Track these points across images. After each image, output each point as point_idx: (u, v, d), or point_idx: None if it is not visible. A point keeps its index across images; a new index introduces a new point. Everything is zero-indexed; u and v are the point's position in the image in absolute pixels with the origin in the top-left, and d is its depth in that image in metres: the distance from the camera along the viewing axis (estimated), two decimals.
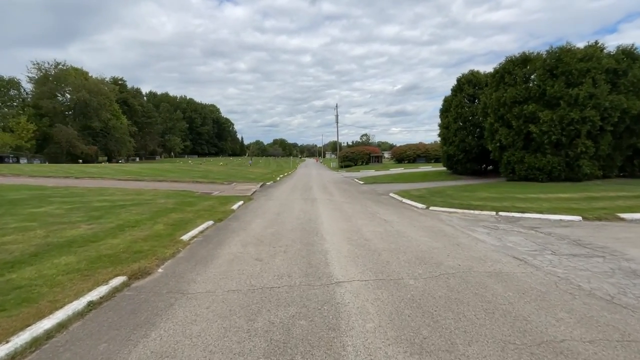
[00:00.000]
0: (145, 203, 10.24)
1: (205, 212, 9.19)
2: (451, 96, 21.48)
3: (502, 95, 15.17)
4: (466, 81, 20.28)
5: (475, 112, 19.59)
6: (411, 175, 24.80)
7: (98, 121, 53.62)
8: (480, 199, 10.82)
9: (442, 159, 22.56)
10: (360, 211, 9.92)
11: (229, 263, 4.95)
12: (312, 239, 6.36)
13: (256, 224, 7.96)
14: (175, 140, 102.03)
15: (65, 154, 49.49)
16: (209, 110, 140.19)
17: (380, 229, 7.33)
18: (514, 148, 15.13)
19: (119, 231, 6.58)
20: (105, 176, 20.23)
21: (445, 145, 21.55)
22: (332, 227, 7.56)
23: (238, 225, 7.92)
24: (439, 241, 6.21)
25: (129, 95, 71.55)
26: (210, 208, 10.03)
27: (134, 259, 4.96)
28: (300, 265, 4.75)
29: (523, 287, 3.89)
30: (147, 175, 21.69)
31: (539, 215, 8.58)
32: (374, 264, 4.79)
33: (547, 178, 14.19)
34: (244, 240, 6.40)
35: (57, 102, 51.89)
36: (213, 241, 6.35)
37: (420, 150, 49.83)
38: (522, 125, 14.49)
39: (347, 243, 6.05)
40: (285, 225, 7.83)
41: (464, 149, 20.14)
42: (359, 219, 8.52)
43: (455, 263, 4.84)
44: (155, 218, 8.05)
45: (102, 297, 3.70)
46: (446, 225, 7.84)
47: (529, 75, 15.03)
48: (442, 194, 12.62)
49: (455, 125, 20.44)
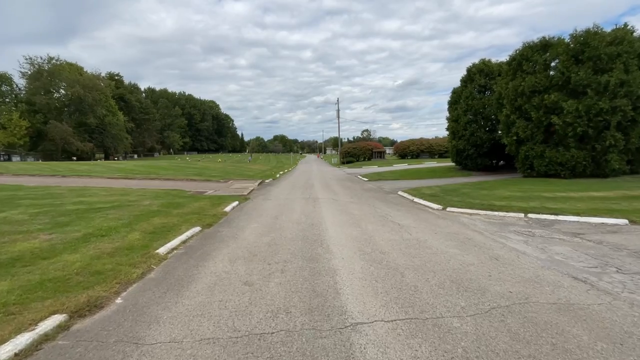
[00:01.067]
0: (128, 205, 9.12)
1: (193, 216, 8.07)
2: (460, 87, 20.24)
3: (520, 85, 13.96)
4: (477, 71, 19.02)
5: (487, 104, 18.37)
6: (417, 171, 23.64)
7: (93, 117, 52.27)
8: (502, 198, 9.67)
9: (451, 154, 21.38)
10: (369, 213, 8.79)
11: (209, 289, 3.83)
12: (316, 252, 5.23)
13: (250, 231, 6.84)
14: (174, 137, 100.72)
15: (61, 152, 48.39)
16: (208, 106, 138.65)
17: (396, 236, 6.19)
18: (532, 142, 13.94)
19: (83, 243, 5.46)
20: (94, 174, 19.11)
21: (454, 140, 20.35)
22: (339, 234, 6.43)
23: (229, 232, 6.80)
24: (470, 253, 5.08)
25: (126, 91, 70.05)
26: (199, 210, 8.91)
27: (87, 284, 3.85)
28: (302, 294, 3.63)
29: (614, 332, 2.77)
30: (139, 173, 20.57)
31: (576, 218, 7.45)
32: (398, 291, 3.66)
33: (570, 174, 13.02)
34: (233, 253, 5.28)
35: (51, 98, 50.58)
36: (196, 255, 5.23)
37: (424, 145, 48.60)
38: (542, 117, 13.29)
39: (360, 257, 4.92)
40: (283, 232, 6.70)
41: (475, 143, 18.95)
42: (369, 224, 7.39)
43: (504, 289, 3.71)
44: (134, 224, 6.93)
45: (18, 353, 2.58)
46: (472, 230, 6.71)
47: (549, 62, 13.79)
48: (457, 192, 11.47)
49: (466, 118, 19.23)
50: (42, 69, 50.49)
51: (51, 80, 50.83)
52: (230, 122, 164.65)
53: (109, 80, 64.16)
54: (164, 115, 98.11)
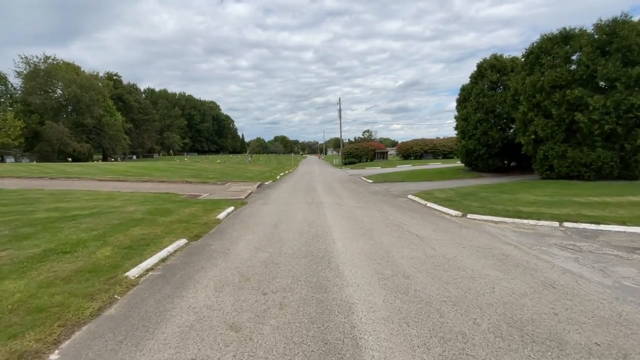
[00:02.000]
0: (109, 212, 8.12)
1: (180, 225, 7.07)
2: (470, 84, 19.23)
3: (539, 80, 12.94)
4: (489, 66, 18.00)
5: (499, 101, 17.35)
6: (424, 172, 22.61)
7: (91, 118, 51.21)
8: (528, 204, 8.65)
9: (460, 154, 20.34)
10: (379, 221, 7.78)
11: (181, 338, 2.82)
12: (323, 275, 4.22)
13: (244, 244, 5.83)
14: (174, 138, 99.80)
15: (57, 152, 47.46)
16: (208, 107, 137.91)
17: (417, 252, 5.18)
18: (552, 141, 12.91)
19: (37, 263, 4.47)
20: (85, 176, 18.14)
21: (463, 139, 19.32)
22: (349, 249, 5.42)
23: (220, 245, 5.80)
24: (516, 277, 4.07)
25: (125, 91, 69.08)
26: (189, 218, 7.91)
27: (18, 328, 2.85)
28: (308, 348, 2.62)
29: None
30: (132, 175, 19.59)
31: (623, 228, 6.43)
32: (441, 344, 2.64)
33: (596, 176, 11.99)
34: (220, 276, 4.27)
35: (47, 98, 49.59)
36: (174, 279, 4.22)
37: (428, 145, 47.56)
38: (564, 114, 12.27)
39: (379, 284, 3.91)
40: (284, 245, 5.69)
41: (486, 142, 17.92)
42: (382, 235, 6.37)
43: (585, 339, 2.69)
44: (108, 236, 5.93)
45: None
46: (505, 244, 5.69)
47: (570, 55, 12.77)
48: (475, 196, 10.45)
49: (476, 117, 18.20)
50: (39, 68, 49.56)
51: (47, 79, 49.87)
52: (231, 123, 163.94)
53: (107, 80, 63.22)
54: (163, 116, 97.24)
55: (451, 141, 48.42)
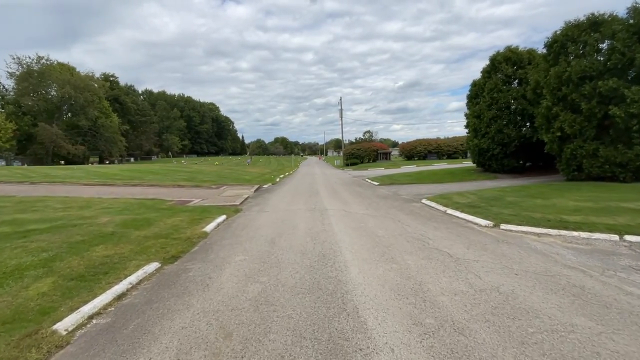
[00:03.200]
0: (74, 225, 6.85)
1: (157, 242, 5.80)
2: (482, 79, 17.95)
3: (565, 70, 11.67)
4: (503, 59, 16.73)
5: (515, 96, 16.08)
6: (433, 173, 21.31)
7: (85, 119, 49.98)
8: (571, 211, 7.36)
9: (472, 154, 19.04)
10: (397, 233, 6.50)
11: None
12: (338, 328, 2.94)
13: (231, 270, 4.56)
14: (172, 140, 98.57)
15: (52, 155, 46.22)
16: (208, 108, 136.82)
17: (459, 283, 3.90)
18: (581, 138, 11.63)
19: None
20: (70, 180, 16.89)
21: (476, 138, 18.04)
22: (368, 278, 4.14)
23: (199, 272, 4.53)
24: (619, 331, 2.79)
25: (121, 93, 67.82)
26: (170, 231, 6.64)
27: None
28: None
29: None
30: (122, 179, 18.34)
31: None
32: None
33: (633, 177, 10.71)
34: (190, 329, 2.99)
35: (40, 99, 48.33)
36: (123, 334, 2.95)
37: (432, 145, 46.29)
38: (595, 108, 10.99)
39: (423, 347, 2.62)
40: (282, 272, 4.42)
41: (501, 141, 16.64)
42: (405, 254, 5.10)
43: None
44: (59, 260, 4.66)
45: None
46: (566, 267, 4.42)
47: (600, 42, 11.50)
48: (501, 201, 9.17)
49: (490, 113, 16.92)
50: (32, 69, 48.33)
51: (41, 80, 48.64)
52: (231, 124, 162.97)
53: (104, 82, 61.98)
54: (162, 117, 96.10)
55: (456, 141, 47.21)
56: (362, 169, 35.92)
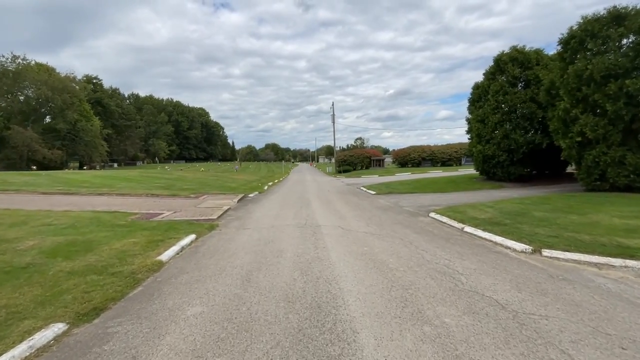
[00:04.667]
0: None
1: (80, 282, 4.11)
2: (486, 81, 16.77)
3: (585, 68, 10.47)
4: (509, 59, 15.57)
5: (523, 99, 14.89)
6: (432, 182, 19.94)
7: (63, 122, 47.33)
8: (622, 232, 5.93)
9: (475, 161, 17.75)
10: (414, 263, 4.94)
11: None
12: None
13: (173, 340, 2.90)
14: (160, 145, 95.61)
15: (26, 160, 43.38)
16: (197, 113, 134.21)
17: None
18: (605, 143, 10.39)
19: None
20: (27, 189, 14.88)
21: (479, 144, 16.76)
22: (388, 351, 2.54)
23: (123, 342, 2.86)
24: None
25: (104, 95, 65.17)
26: (110, 262, 4.94)
27: None
28: None
29: None
30: (89, 187, 16.39)
31: None
32: None
33: None
34: None
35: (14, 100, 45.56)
36: None
37: (426, 152, 45.30)
38: (622, 110, 9.78)
39: None
40: (253, 344, 2.79)
41: (508, 147, 15.39)
42: (436, 303, 3.53)
43: None
44: None
45: None
46: None
47: (625, 37, 10.35)
48: (527, 216, 7.73)
49: (495, 118, 15.70)
50: (7, 69, 45.63)
51: (16, 81, 45.94)
52: (221, 130, 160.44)
53: (86, 84, 59.38)
54: (148, 122, 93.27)
55: (450, 148, 46.37)
56: (356, 177, 34.50)
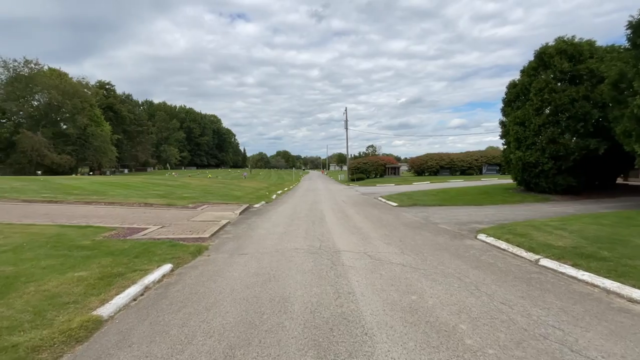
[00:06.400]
0: None
1: None
2: (526, 78, 14.64)
3: None
4: (556, 52, 13.43)
5: (575, 97, 12.69)
6: (461, 192, 17.73)
7: (73, 127, 47.02)
8: None
9: (513, 170, 15.50)
10: (505, 334, 2.92)
11: None
12: None
13: None
14: (171, 151, 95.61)
15: (35, 165, 42.99)
16: (209, 120, 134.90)
17: None
18: None
19: None
20: (8, 196, 13.41)
21: (518, 150, 14.56)
22: None
23: None
24: None
25: (116, 101, 65.23)
26: (23, 317, 3.10)
27: None
28: None
29: None
30: (80, 194, 14.88)
31: None
32: None
33: None
34: None
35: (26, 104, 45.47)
36: None
37: (444, 160, 42.84)
38: None
39: None
40: None
41: (555, 153, 13.17)
42: None
43: None
44: None
45: None
46: None
47: None
48: (631, 246, 5.59)
49: (539, 119, 13.52)
50: (21, 74, 45.68)
51: (28, 85, 45.95)
52: (232, 137, 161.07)
53: (98, 89, 59.44)
54: (160, 128, 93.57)
55: (470, 156, 43.80)
56: (370, 185, 32.41)
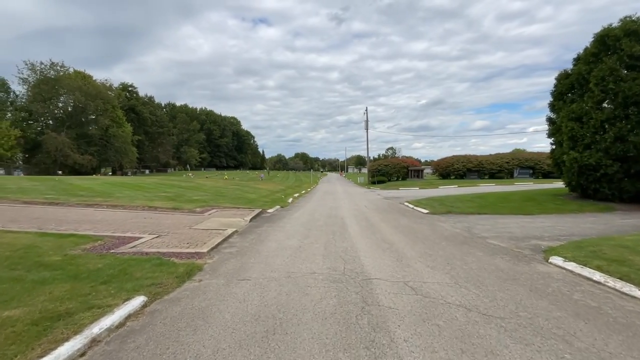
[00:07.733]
0: None
1: None
2: (584, 65, 12.55)
3: None
4: (624, 33, 11.33)
5: None
6: (502, 198, 15.66)
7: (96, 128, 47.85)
8: None
9: (567, 172, 13.37)
10: None
11: None
12: None
13: None
14: (191, 152, 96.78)
15: (59, 165, 43.90)
16: (229, 122, 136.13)
17: None
18: None
19: None
20: (11, 197, 12.72)
21: (574, 150, 12.49)
22: None
23: None
24: None
25: (138, 103, 66.36)
26: None
27: None
28: None
29: None
30: (85, 195, 14.06)
31: None
32: None
33: None
34: None
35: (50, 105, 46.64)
36: None
37: (472, 163, 40.20)
38: None
39: None
40: None
41: (622, 154, 11.08)
42: None
43: None
44: None
45: None
46: None
47: None
48: None
49: (602, 114, 11.45)
50: (48, 77, 46.94)
51: (53, 87, 47.14)
52: (252, 139, 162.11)
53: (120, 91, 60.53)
54: (181, 130, 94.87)
55: (500, 158, 40.94)
56: (392, 188, 30.53)
